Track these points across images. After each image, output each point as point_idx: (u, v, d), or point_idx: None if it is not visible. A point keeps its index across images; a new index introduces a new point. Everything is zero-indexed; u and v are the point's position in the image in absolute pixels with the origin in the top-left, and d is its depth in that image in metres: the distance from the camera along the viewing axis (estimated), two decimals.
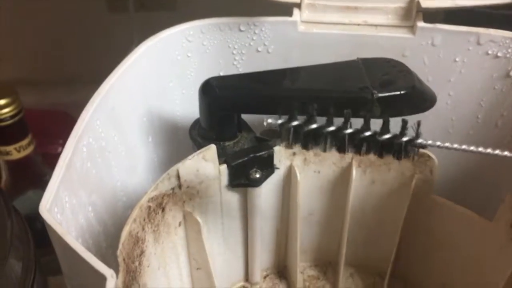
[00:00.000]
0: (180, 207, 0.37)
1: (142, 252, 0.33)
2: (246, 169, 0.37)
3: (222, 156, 0.37)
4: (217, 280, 0.41)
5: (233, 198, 0.40)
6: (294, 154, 0.39)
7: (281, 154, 0.39)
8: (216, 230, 0.41)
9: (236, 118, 0.39)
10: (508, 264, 0.37)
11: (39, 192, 0.46)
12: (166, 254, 0.37)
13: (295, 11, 0.43)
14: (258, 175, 0.37)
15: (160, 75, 0.42)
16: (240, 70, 0.45)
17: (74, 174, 0.32)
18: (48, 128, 0.58)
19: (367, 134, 0.29)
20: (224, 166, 0.37)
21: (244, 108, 0.38)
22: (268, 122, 0.28)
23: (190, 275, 0.41)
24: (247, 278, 0.47)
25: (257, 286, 0.47)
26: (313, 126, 0.28)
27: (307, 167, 0.41)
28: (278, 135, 0.40)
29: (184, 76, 0.44)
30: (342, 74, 0.37)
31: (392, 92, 0.35)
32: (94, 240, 0.35)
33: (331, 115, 0.34)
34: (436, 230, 0.42)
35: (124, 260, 0.29)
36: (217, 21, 0.42)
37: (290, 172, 0.40)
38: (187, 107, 0.44)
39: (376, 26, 0.43)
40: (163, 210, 0.35)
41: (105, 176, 0.37)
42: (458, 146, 0.29)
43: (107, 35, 0.63)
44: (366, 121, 0.32)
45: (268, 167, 0.38)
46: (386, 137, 0.29)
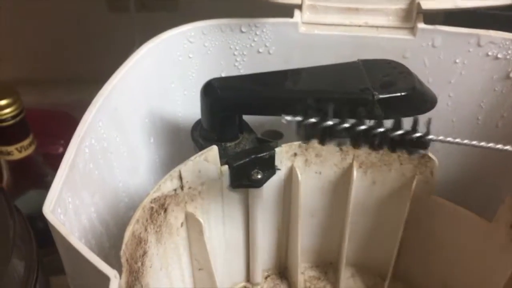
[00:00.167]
0: (182, 208, 0.37)
1: (145, 252, 0.33)
2: (248, 170, 0.37)
3: (224, 157, 0.37)
4: (218, 281, 0.41)
5: (234, 199, 0.40)
6: (295, 155, 0.40)
7: (282, 155, 0.39)
8: (218, 231, 0.41)
9: (238, 119, 0.39)
10: (509, 264, 0.37)
11: (40, 192, 0.46)
12: (168, 254, 0.37)
13: (296, 12, 0.43)
14: (259, 176, 0.37)
15: (161, 76, 0.42)
16: (241, 71, 0.45)
17: (77, 175, 0.32)
18: (49, 128, 0.58)
19: (380, 131, 0.30)
20: (225, 167, 0.37)
21: (245, 109, 0.38)
22: (286, 119, 0.29)
23: (192, 276, 0.41)
24: (248, 279, 0.47)
25: (258, 287, 0.47)
26: (329, 123, 0.29)
27: (308, 168, 0.41)
28: (279, 136, 0.41)
29: (186, 77, 0.44)
30: (343, 76, 0.37)
31: (392, 93, 0.35)
32: (96, 240, 0.35)
33: (331, 116, 0.34)
34: (436, 231, 0.42)
35: (127, 260, 0.29)
36: (218, 22, 0.42)
37: (291, 173, 0.40)
38: (189, 108, 0.44)
39: (377, 27, 0.43)
40: (165, 211, 0.35)
41: (107, 177, 0.37)
42: (468, 141, 0.29)
43: (108, 35, 0.63)
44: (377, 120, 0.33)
45: (269, 168, 0.38)
46: (399, 133, 0.29)
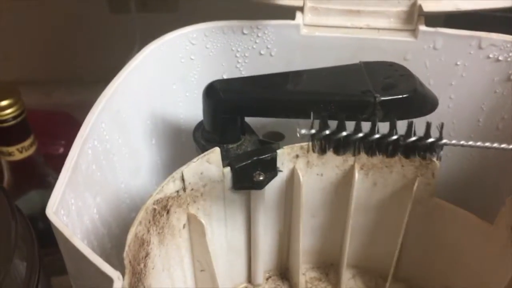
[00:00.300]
0: (185, 209, 0.37)
1: (147, 254, 0.33)
2: (250, 171, 0.37)
3: (226, 159, 0.37)
4: (220, 282, 0.41)
5: (236, 201, 0.40)
6: (297, 156, 0.40)
7: (284, 157, 0.39)
8: (220, 232, 0.41)
9: (240, 121, 0.39)
10: (509, 266, 0.37)
11: (41, 192, 0.46)
12: (170, 256, 0.37)
13: (298, 14, 0.43)
14: (261, 178, 0.37)
15: (163, 78, 0.42)
16: (243, 73, 0.45)
17: (80, 176, 0.32)
18: (51, 129, 0.58)
19: (393, 138, 0.30)
20: (227, 169, 0.37)
21: (247, 111, 0.38)
22: (301, 133, 0.29)
23: (194, 277, 0.41)
24: (249, 280, 0.47)
25: None
26: (343, 134, 0.29)
27: (310, 169, 0.41)
28: (281, 138, 0.41)
29: (188, 79, 0.44)
30: (345, 78, 0.38)
31: (394, 95, 0.35)
32: (99, 241, 0.35)
33: (333, 118, 0.34)
34: (437, 233, 0.43)
35: (130, 262, 0.29)
36: (220, 24, 0.42)
37: (293, 175, 0.41)
38: (191, 110, 0.44)
39: (378, 29, 0.43)
40: (167, 212, 0.35)
41: (109, 178, 0.37)
42: (481, 143, 0.29)
43: (108, 36, 0.63)
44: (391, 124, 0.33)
45: (271, 170, 0.38)
46: (412, 139, 0.30)
